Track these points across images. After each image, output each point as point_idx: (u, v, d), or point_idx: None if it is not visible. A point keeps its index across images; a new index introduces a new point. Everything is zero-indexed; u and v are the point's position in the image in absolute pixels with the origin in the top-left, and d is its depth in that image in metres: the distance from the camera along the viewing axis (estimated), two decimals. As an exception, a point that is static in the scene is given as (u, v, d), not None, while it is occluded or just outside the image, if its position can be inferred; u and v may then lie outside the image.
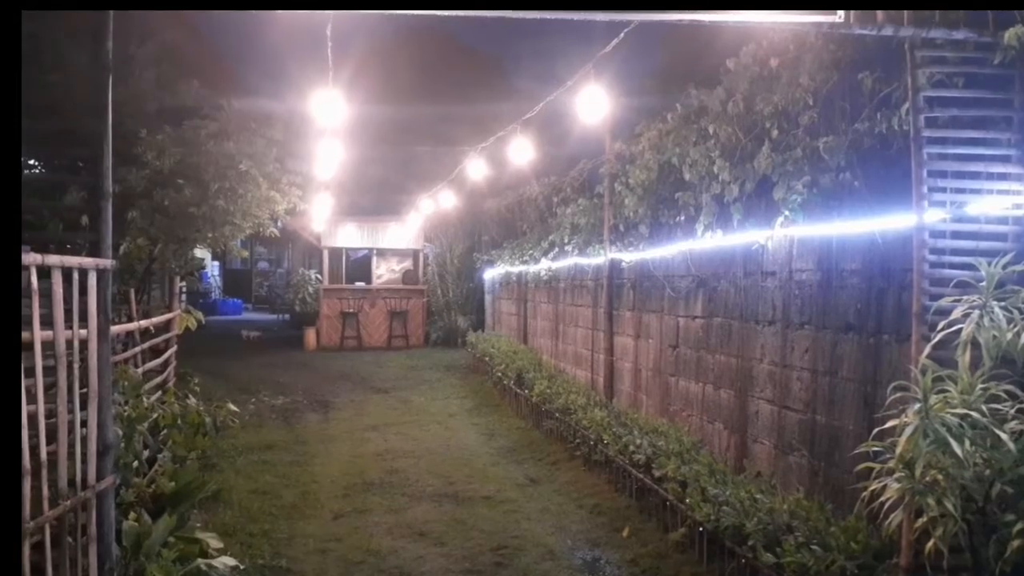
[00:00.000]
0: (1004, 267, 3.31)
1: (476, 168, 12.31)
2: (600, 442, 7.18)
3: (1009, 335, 3.14)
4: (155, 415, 6.79)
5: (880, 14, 3.85)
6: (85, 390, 3.98)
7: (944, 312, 3.50)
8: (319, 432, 9.86)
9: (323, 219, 18.54)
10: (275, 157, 10.31)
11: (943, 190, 3.86)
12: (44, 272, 3.56)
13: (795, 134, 5.05)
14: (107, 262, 4.01)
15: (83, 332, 3.94)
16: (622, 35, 4.96)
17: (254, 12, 3.43)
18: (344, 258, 21.20)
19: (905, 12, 3.84)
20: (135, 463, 5.57)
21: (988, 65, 3.77)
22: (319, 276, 21.43)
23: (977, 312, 3.26)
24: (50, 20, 6.57)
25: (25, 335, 3.28)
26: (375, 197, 19.53)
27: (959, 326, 3.32)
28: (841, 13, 3.80)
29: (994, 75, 3.82)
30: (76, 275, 3.79)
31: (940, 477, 3.06)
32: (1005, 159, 3.83)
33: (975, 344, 3.25)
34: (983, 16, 3.76)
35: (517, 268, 14.18)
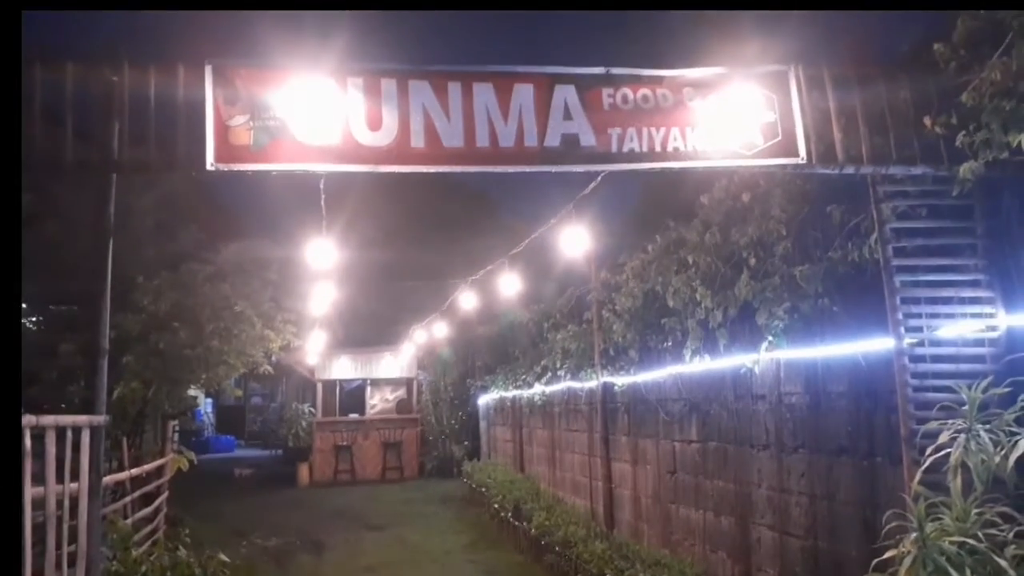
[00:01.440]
0: (984, 390, 3.39)
1: (467, 299, 12.53)
2: (603, 577, 6.96)
3: (997, 458, 3.18)
4: (144, 569, 6.58)
5: (840, 153, 4.07)
6: (73, 547, 3.91)
7: (932, 435, 3.53)
8: (313, 576, 9.52)
9: (317, 353, 18.56)
10: (270, 296, 10.49)
11: (918, 315, 3.99)
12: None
13: (772, 262, 5.23)
14: (100, 419, 4.02)
15: (74, 486, 3.91)
16: (599, 179, 5.24)
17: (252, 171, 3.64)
18: (338, 390, 21.04)
19: (863, 150, 4.06)
20: (122, 622, 5.37)
21: (948, 197, 3.97)
22: (312, 409, 21.21)
23: (963, 436, 3.30)
24: (54, 182, 6.85)
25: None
26: (369, 329, 19.65)
27: (947, 450, 3.35)
28: (803, 154, 4.03)
29: (955, 206, 4.02)
30: (69, 433, 3.80)
31: (945, 610, 3.02)
32: (975, 284, 3.98)
33: (965, 467, 3.27)
34: (937, 152, 3.98)
35: (511, 393, 14.13)
